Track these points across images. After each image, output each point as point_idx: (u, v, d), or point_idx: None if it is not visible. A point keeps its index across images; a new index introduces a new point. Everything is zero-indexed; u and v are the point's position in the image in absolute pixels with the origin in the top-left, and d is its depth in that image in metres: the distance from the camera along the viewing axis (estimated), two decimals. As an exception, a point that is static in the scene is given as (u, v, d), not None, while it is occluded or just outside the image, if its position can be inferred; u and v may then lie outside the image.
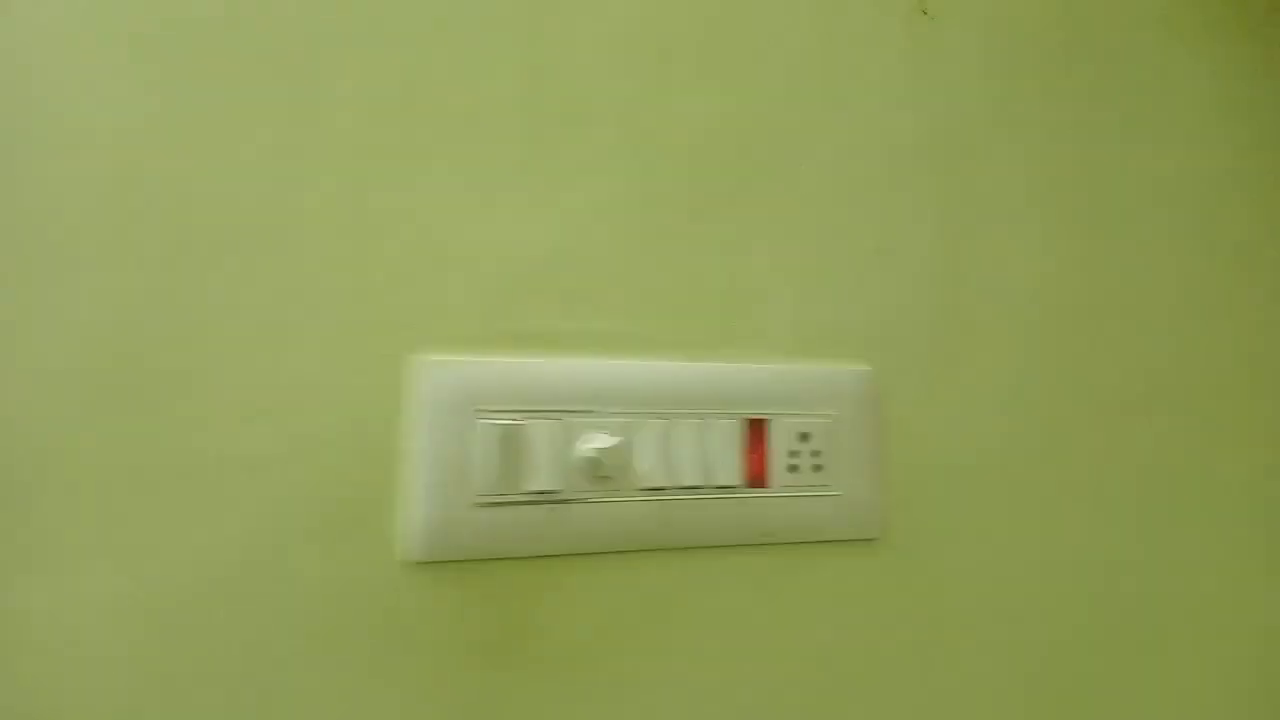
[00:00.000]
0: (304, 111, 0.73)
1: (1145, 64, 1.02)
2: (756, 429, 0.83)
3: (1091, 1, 1.01)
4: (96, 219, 0.67)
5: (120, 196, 0.68)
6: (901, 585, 0.87)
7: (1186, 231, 1.02)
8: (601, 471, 0.77)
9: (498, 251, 0.78)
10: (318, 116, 0.74)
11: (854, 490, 0.86)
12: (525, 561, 0.76)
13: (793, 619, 0.83)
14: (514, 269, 0.79)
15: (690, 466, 0.80)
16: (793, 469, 0.84)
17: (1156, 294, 0.99)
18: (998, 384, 0.93)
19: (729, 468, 0.82)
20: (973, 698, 0.87)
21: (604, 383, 0.80)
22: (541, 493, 0.76)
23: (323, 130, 0.74)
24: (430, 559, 0.74)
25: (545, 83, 0.81)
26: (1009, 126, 0.95)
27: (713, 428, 0.82)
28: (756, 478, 0.83)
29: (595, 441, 0.77)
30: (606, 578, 0.78)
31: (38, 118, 0.66)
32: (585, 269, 0.81)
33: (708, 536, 0.82)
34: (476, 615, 0.74)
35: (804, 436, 0.85)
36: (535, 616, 0.76)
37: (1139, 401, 0.97)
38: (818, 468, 0.85)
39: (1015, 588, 0.91)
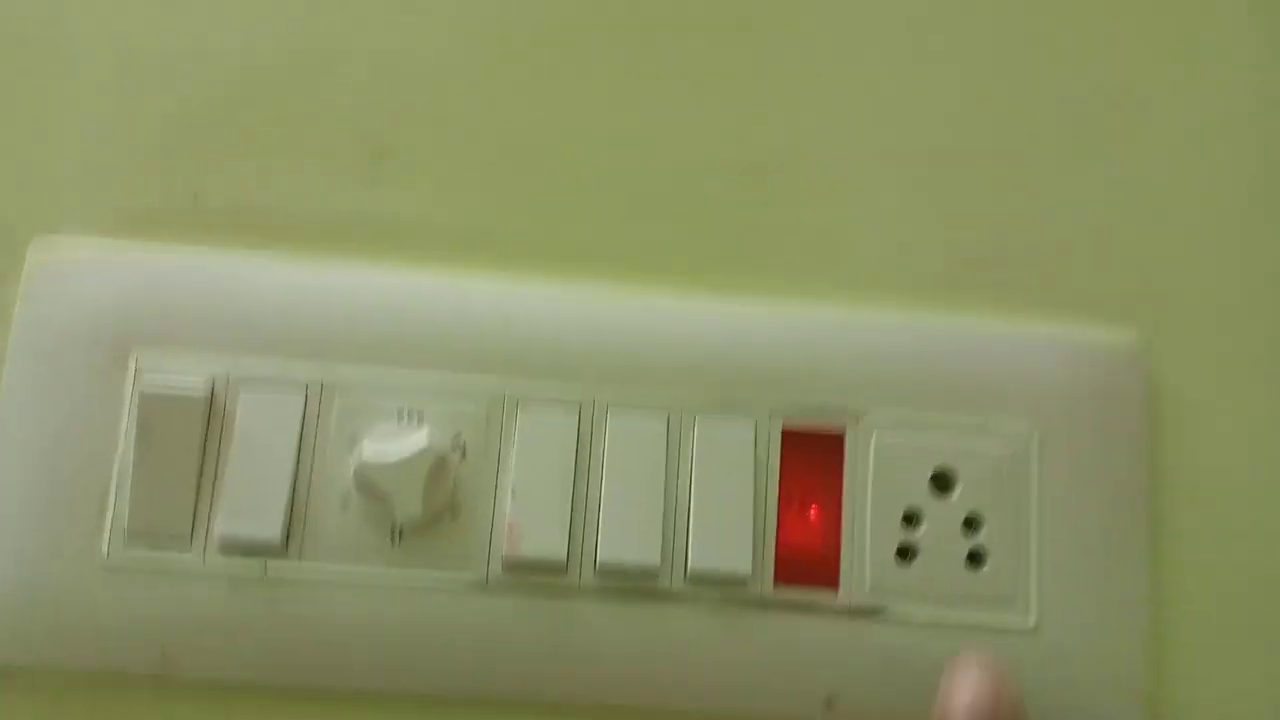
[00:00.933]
0: None
1: None
2: (814, 451, 0.34)
3: None
4: None
5: None
6: None
7: None
8: (394, 515, 0.32)
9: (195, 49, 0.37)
10: None
11: (1088, 626, 0.34)
12: (202, 693, 0.33)
13: None
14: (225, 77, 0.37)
15: (634, 524, 0.33)
16: (907, 554, 0.34)
17: None
18: None
19: (735, 537, 0.33)
20: None
21: (433, 319, 0.35)
22: (252, 544, 0.33)
23: None
24: (7, 661, 0.33)
25: None
26: None
27: (704, 443, 0.34)
28: (810, 564, 0.34)
29: (381, 446, 0.33)
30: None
31: None
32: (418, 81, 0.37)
33: (671, 695, 0.34)
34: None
35: (943, 480, 0.34)
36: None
37: None
38: (977, 558, 0.34)
39: None
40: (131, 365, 0.33)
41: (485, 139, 0.37)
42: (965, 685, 0.27)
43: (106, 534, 0.33)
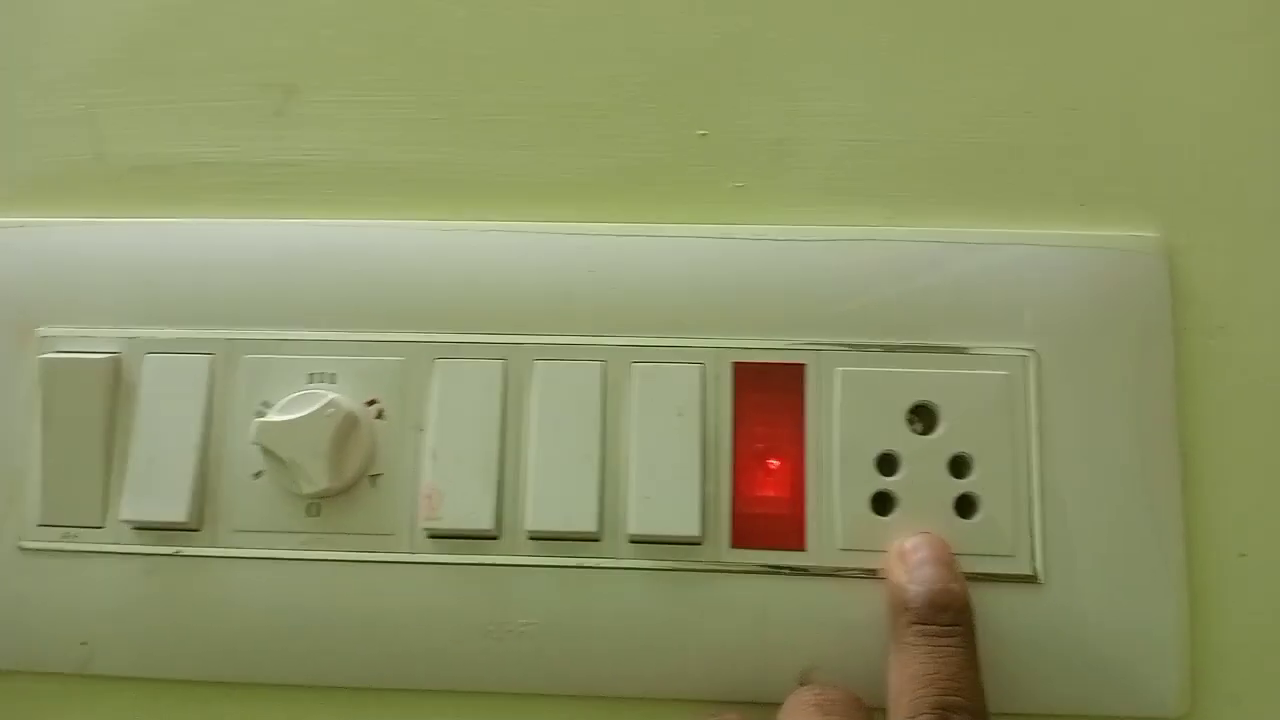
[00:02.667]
0: None
1: None
2: (771, 389, 0.30)
3: None
4: None
5: None
6: None
7: None
8: (303, 484, 0.29)
9: None
10: None
11: (1104, 577, 0.29)
12: (127, 685, 0.31)
13: None
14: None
15: (568, 486, 0.30)
16: (884, 504, 0.29)
17: None
18: None
19: (683, 495, 0.29)
20: None
21: (344, 273, 0.32)
22: (163, 526, 0.30)
23: None
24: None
25: None
26: None
27: (644, 389, 0.30)
28: (771, 521, 0.29)
29: (286, 405, 0.30)
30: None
31: None
32: None
33: (619, 677, 0.30)
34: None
35: (923, 415, 0.30)
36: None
37: None
38: (968, 505, 0.29)
39: None
40: (37, 339, 0.32)
41: (400, 70, 0.33)
42: (912, 574, 0.27)
43: (21, 520, 0.31)
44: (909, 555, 0.28)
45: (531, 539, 0.30)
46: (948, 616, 0.26)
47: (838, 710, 0.26)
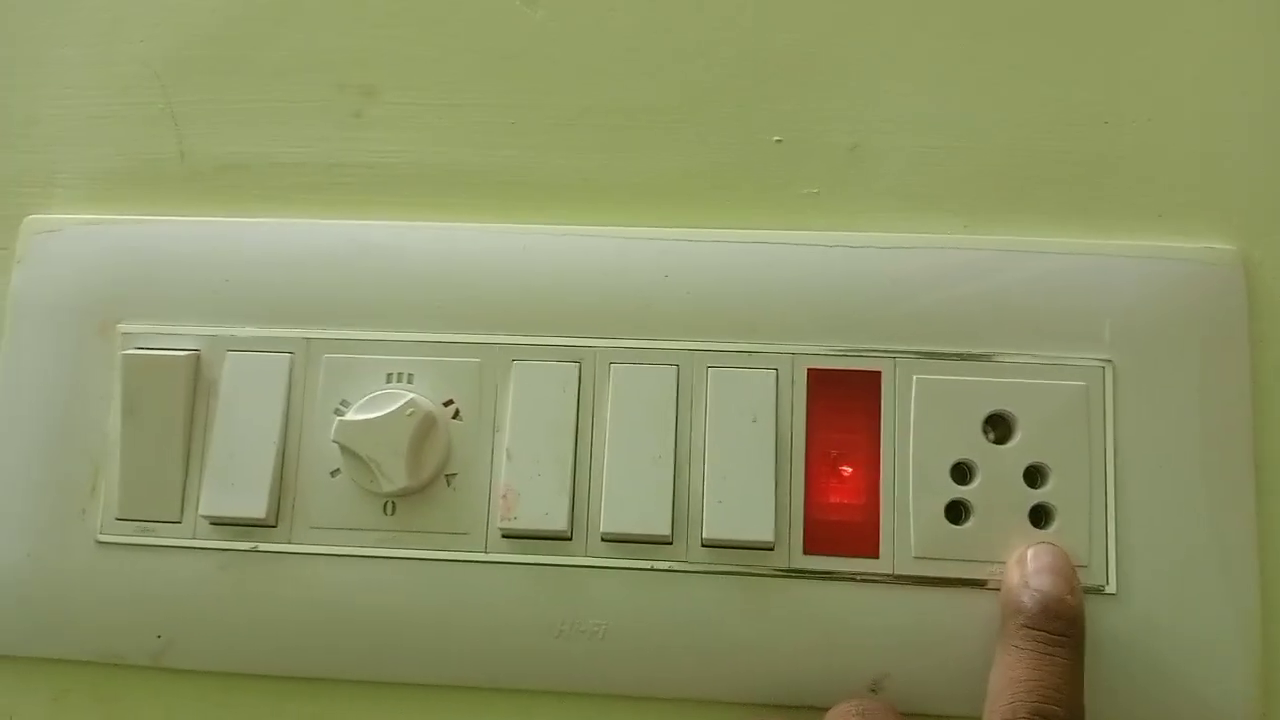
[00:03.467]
0: None
1: None
2: (846, 396, 0.30)
3: None
4: None
5: None
6: None
7: None
8: (381, 482, 0.30)
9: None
10: None
11: (1179, 592, 0.29)
12: (200, 678, 0.32)
13: None
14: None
15: (642, 488, 0.30)
16: (959, 513, 0.30)
17: None
18: None
19: (756, 500, 0.29)
20: None
21: (423, 274, 0.32)
22: (240, 522, 0.31)
23: None
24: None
25: None
26: None
27: (719, 394, 0.30)
28: (844, 528, 0.30)
29: (365, 404, 0.30)
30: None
31: None
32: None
33: (689, 681, 0.30)
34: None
35: (1000, 425, 0.30)
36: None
37: None
38: (1042, 516, 0.29)
39: None
40: (119, 335, 0.32)
41: (478, 73, 0.34)
42: (1030, 580, 0.27)
43: (99, 513, 0.31)
44: (1030, 561, 0.28)
45: (604, 541, 0.30)
46: (1059, 625, 0.26)
47: (878, 716, 0.26)
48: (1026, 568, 0.28)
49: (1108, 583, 0.29)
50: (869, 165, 0.32)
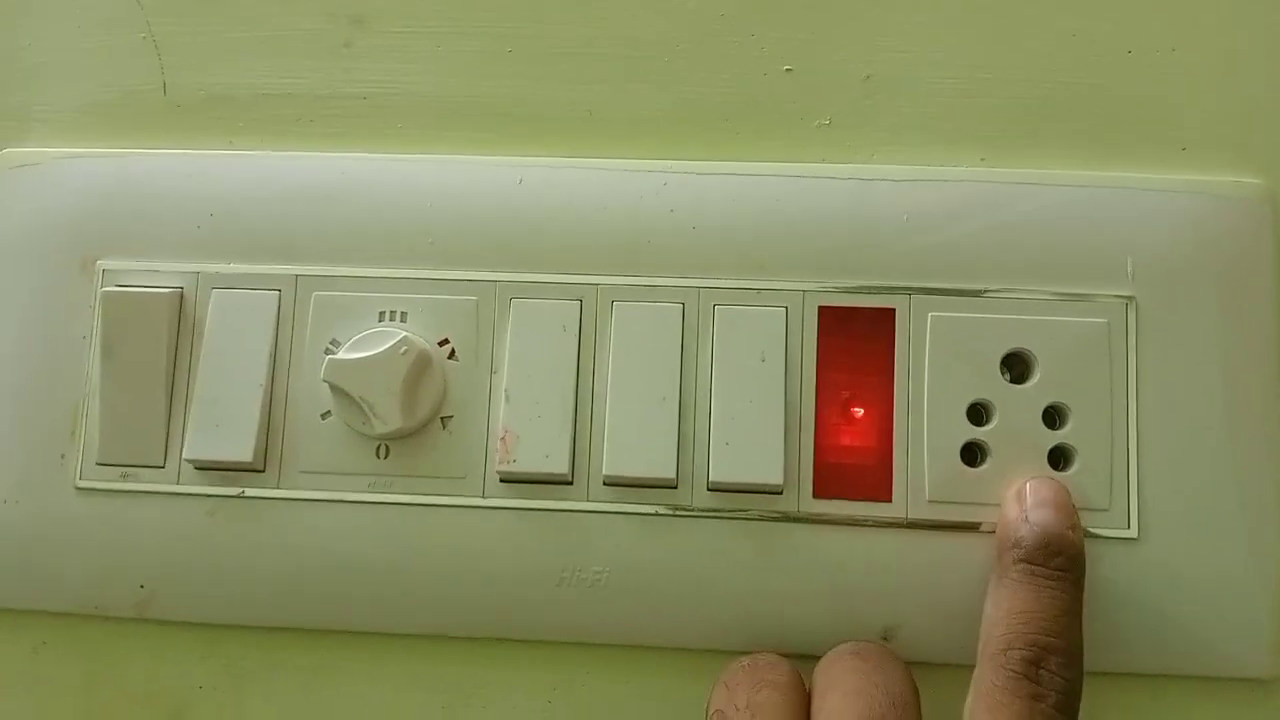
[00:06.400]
0: None
1: None
2: (858, 334, 0.29)
3: None
4: None
5: None
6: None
7: None
8: (374, 424, 0.28)
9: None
10: None
11: (1202, 536, 0.28)
12: (186, 630, 0.31)
13: None
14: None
15: (646, 430, 0.29)
16: (975, 456, 0.28)
17: None
18: None
19: (765, 442, 0.28)
20: None
21: (416, 208, 0.31)
22: (227, 466, 0.30)
23: None
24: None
25: None
26: None
27: (725, 332, 0.29)
28: (856, 471, 0.28)
29: (357, 343, 0.29)
30: (382, 701, 0.30)
31: None
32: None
33: (694, 629, 0.29)
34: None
35: (1017, 363, 0.29)
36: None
37: None
38: (1062, 458, 0.28)
39: None
40: (99, 272, 0.31)
41: (471, 1, 0.32)
42: (1028, 513, 0.26)
43: (79, 458, 0.30)
44: (1029, 494, 0.27)
45: (607, 485, 0.29)
46: (1059, 561, 0.25)
47: (874, 658, 0.26)
48: (1026, 501, 0.27)
49: (1129, 526, 0.28)
50: (883, 96, 0.31)
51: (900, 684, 0.25)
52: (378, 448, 0.29)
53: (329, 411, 0.29)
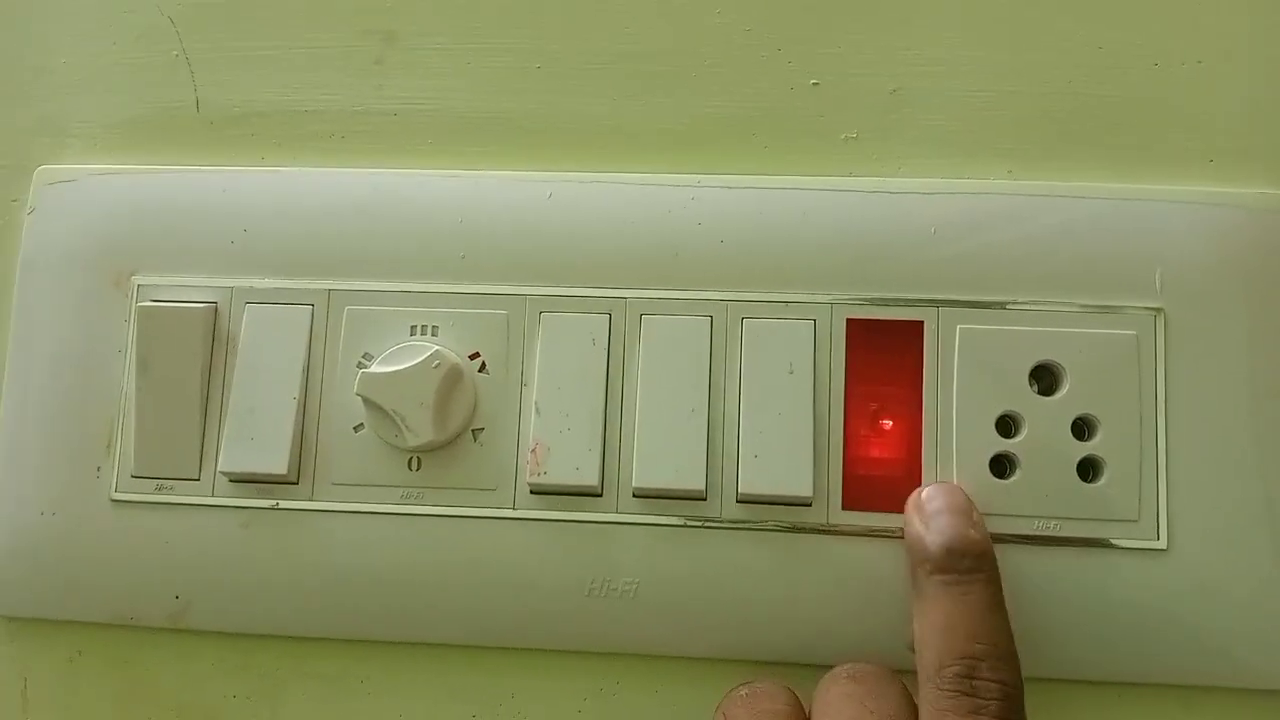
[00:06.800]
0: None
1: None
2: (887, 346, 0.29)
3: None
4: None
5: None
6: None
7: None
8: (407, 437, 0.29)
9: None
10: None
11: (1231, 548, 0.28)
12: (220, 640, 0.31)
13: None
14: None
15: (675, 442, 0.29)
16: (1004, 467, 0.29)
17: None
18: None
19: (793, 454, 0.28)
20: None
21: (447, 223, 0.31)
22: (261, 479, 0.30)
23: None
24: (10, 612, 0.32)
25: None
26: None
27: (754, 345, 0.29)
28: (885, 483, 0.29)
29: (389, 357, 0.29)
30: (412, 711, 0.30)
31: None
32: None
33: (723, 640, 0.29)
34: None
35: (1046, 376, 0.29)
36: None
37: None
38: (1091, 469, 0.28)
39: None
40: (134, 287, 0.31)
41: (502, 17, 0.33)
42: (928, 525, 0.26)
43: (115, 471, 0.31)
44: (925, 505, 0.27)
45: (636, 496, 0.29)
46: (967, 563, 0.25)
47: (869, 680, 0.25)
48: (925, 512, 0.27)
49: (1158, 537, 0.28)
50: (910, 109, 0.31)
51: (895, 706, 0.25)
52: (409, 460, 0.30)
53: (361, 424, 0.30)
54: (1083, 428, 0.28)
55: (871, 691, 0.25)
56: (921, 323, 0.29)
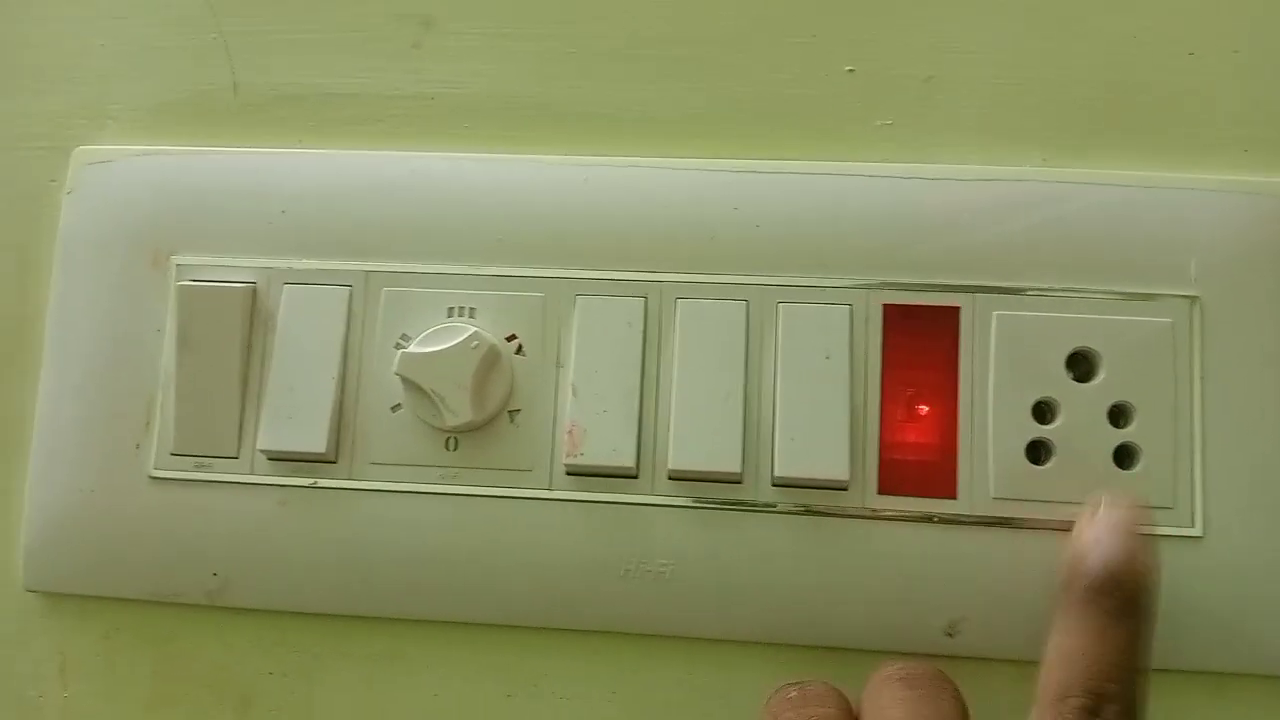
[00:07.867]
0: None
1: None
2: (923, 332, 0.29)
3: None
4: None
5: None
6: None
7: None
8: (445, 416, 0.29)
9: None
10: None
11: (1268, 536, 0.28)
12: (256, 617, 0.31)
13: None
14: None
15: (711, 425, 0.29)
16: (1040, 453, 0.29)
17: None
18: None
19: (830, 438, 0.28)
20: None
21: (484, 206, 0.31)
22: (299, 457, 0.30)
23: None
24: (48, 589, 0.32)
25: None
26: None
27: (790, 329, 0.29)
28: (921, 467, 0.29)
29: (428, 337, 0.29)
30: (448, 689, 0.31)
31: None
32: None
33: (758, 623, 0.29)
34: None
35: (1082, 362, 0.29)
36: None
37: None
38: (1126, 456, 0.28)
39: None
40: (172, 267, 0.31)
41: (538, 2, 0.33)
42: (1097, 542, 0.24)
43: (154, 449, 0.31)
44: (1101, 518, 0.25)
45: (672, 479, 0.29)
46: (1124, 593, 0.23)
47: (923, 684, 0.24)
48: (1098, 525, 0.25)
49: (1193, 525, 0.28)
50: (945, 96, 0.31)
51: (950, 712, 0.24)
52: (446, 440, 0.30)
53: (399, 404, 0.30)
54: (1118, 415, 0.28)
55: (924, 696, 0.24)
56: (958, 308, 0.29)
